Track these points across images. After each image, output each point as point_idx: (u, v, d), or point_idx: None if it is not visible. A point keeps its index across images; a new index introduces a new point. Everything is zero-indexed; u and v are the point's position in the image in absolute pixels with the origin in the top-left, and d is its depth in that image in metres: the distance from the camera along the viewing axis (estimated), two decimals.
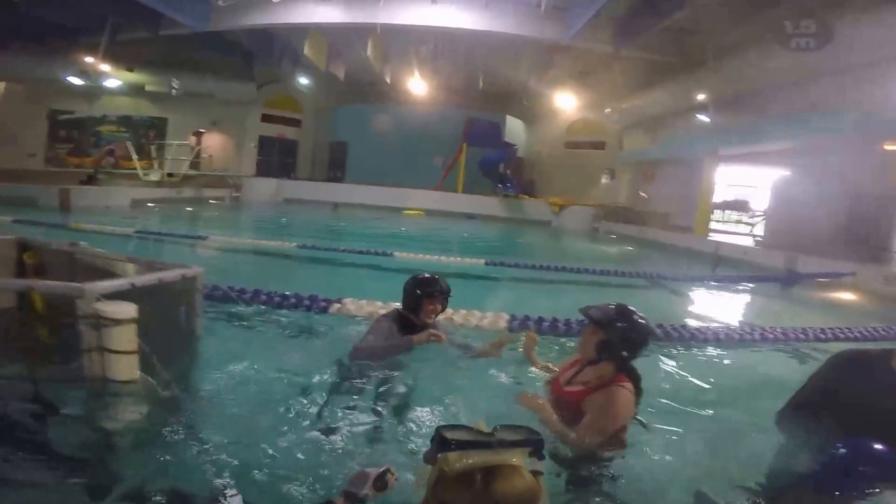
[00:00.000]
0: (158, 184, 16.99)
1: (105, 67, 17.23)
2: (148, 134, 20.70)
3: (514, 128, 20.52)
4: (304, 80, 20.56)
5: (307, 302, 4.07)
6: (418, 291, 3.01)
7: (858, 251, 9.90)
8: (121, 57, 17.29)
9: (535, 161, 21.75)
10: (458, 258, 7.35)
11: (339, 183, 20.30)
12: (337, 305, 4.03)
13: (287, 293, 4.18)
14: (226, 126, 21.21)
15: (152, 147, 19.01)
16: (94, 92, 19.70)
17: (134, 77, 19.25)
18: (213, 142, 21.09)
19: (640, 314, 2.22)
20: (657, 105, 15.15)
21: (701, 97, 12.76)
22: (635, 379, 2.20)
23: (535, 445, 1.04)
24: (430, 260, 7.04)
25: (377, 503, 1.41)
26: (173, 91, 19.24)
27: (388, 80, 18.22)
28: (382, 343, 2.88)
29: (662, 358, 3.70)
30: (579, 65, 15.74)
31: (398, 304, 3.18)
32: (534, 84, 17.66)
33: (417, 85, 17.80)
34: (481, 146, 19.39)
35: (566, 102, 17.60)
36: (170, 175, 17.77)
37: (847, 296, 7.75)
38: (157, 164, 18.22)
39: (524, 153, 21.30)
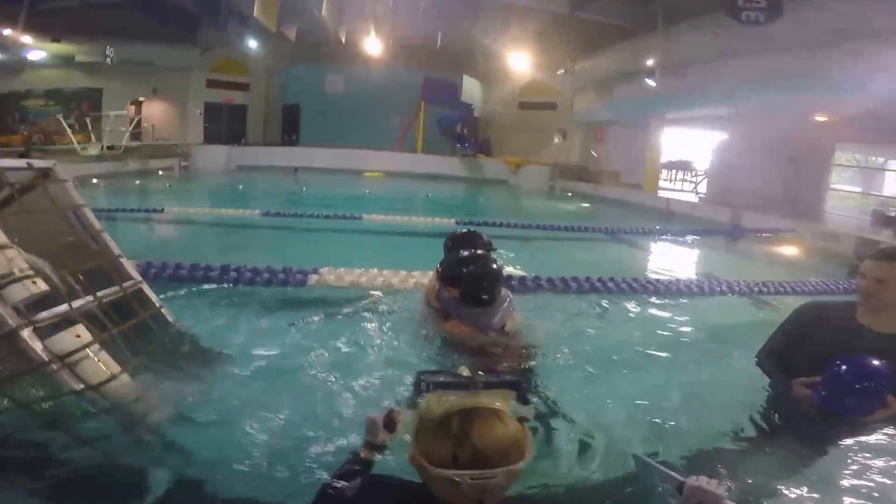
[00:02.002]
0: (99, 158, 15.98)
1: (27, 39, 15.81)
2: (81, 106, 19.26)
3: (471, 88, 20.38)
4: (251, 43, 19.52)
5: (282, 275, 3.93)
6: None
7: (794, 210, 10.66)
8: (45, 27, 15.88)
9: (491, 121, 21.77)
10: (429, 218, 7.44)
11: (295, 147, 19.66)
12: (315, 277, 3.96)
13: (258, 267, 4.01)
14: (168, 94, 19.96)
15: (87, 119, 17.75)
16: (16, 66, 18.01)
17: (62, 48, 17.67)
18: (155, 110, 19.88)
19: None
20: (607, 68, 15.39)
21: (650, 62, 13.04)
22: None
23: (517, 388, 1.03)
24: (400, 221, 7.12)
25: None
26: (108, 60, 17.86)
27: (343, 40, 17.56)
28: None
29: (626, 310, 3.99)
30: (535, 26, 15.70)
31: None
32: (490, 44, 17.51)
33: (373, 44, 17.27)
34: (439, 105, 19.16)
35: (520, 63, 17.60)
36: (110, 148, 16.72)
37: (788, 250, 8.25)
38: (94, 137, 17.08)
39: (480, 113, 21.27)
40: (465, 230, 3.11)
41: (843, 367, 1.76)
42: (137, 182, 13.51)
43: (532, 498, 1.41)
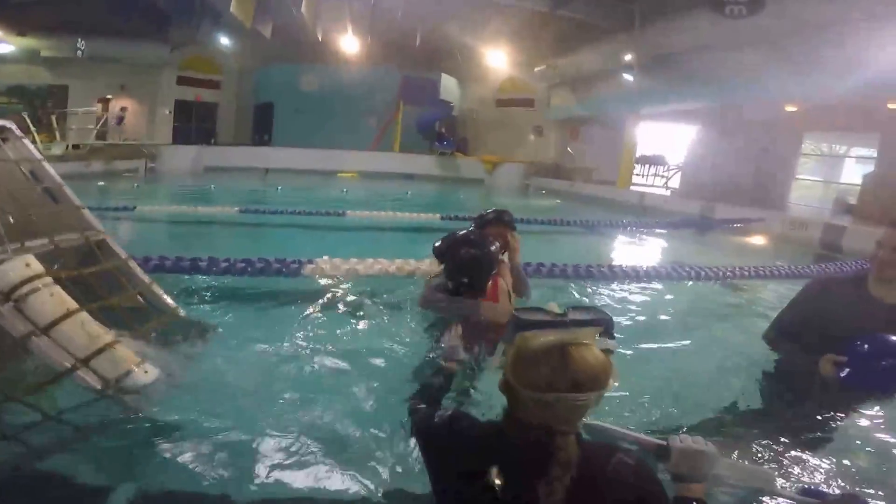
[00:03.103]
0: (62, 158, 15.33)
1: None
2: (46, 104, 18.46)
3: (450, 86, 20.44)
4: (224, 40, 19.11)
5: (276, 265, 3.80)
6: (478, 223, 2.99)
7: (764, 201, 11.10)
8: (10, 20, 15.26)
9: (468, 119, 21.89)
10: (415, 214, 7.42)
11: (267, 147, 19.26)
12: (310, 266, 3.86)
13: (251, 258, 3.89)
14: (136, 91, 19.29)
15: (52, 117, 17.02)
16: None
17: (27, 42, 16.94)
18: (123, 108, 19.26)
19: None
20: (584, 65, 15.69)
21: (627, 58, 13.35)
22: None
23: (605, 325, 1.15)
24: (385, 217, 7.09)
25: None
26: (79, 52, 17.19)
27: (320, 38, 17.36)
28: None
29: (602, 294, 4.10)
30: (514, 24, 15.89)
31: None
32: (469, 42, 17.62)
33: (351, 43, 17.13)
34: (418, 105, 19.09)
35: (499, 61, 17.75)
36: (75, 147, 16.09)
37: (757, 239, 8.59)
38: (59, 136, 16.40)
39: (458, 111, 21.36)
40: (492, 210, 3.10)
41: (867, 346, 1.77)
42: (101, 184, 12.99)
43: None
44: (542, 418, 1.07)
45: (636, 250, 7.39)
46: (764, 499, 1.39)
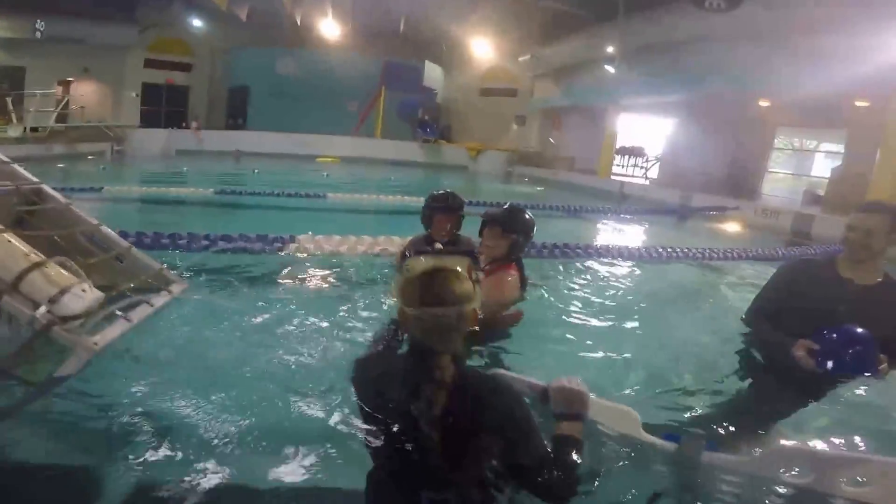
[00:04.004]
0: (20, 140, 14.57)
1: None
2: (1, 86, 17.51)
3: (433, 73, 20.22)
4: (196, 22, 18.39)
5: (258, 243, 3.68)
6: (428, 207, 3.02)
7: (738, 192, 11.33)
8: None
9: (452, 107, 21.75)
10: (399, 197, 7.26)
11: (242, 130, 18.69)
12: (293, 245, 3.75)
13: (231, 235, 3.76)
14: (100, 73, 18.44)
15: (8, 100, 16.13)
16: None
17: None
18: (86, 91, 18.30)
19: (527, 210, 2.56)
20: (568, 55, 15.67)
21: (609, 49, 13.35)
22: (522, 268, 2.55)
23: (470, 256, 1.33)
24: (368, 199, 6.91)
25: None
26: (38, 34, 16.31)
27: (298, 22, 16.87)
28: None
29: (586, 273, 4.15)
30: (499, 12, 15.76)
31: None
32: (454, 30, 17.42)
33: (331, 28, 16.70)
34: (400, 91, 18.79)
35: (483, 50, 17.60)
36: (34, 130, 15.32)
37: (731, 226, 8.93)
38: (15, 119, 15.57)
39: (441, 99, 21.17)
40: (441, 191, 3.11)
41: (836, 336, 1.87)
42: (62, 166, 12.37)
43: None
44: (422, 337, 1.22)
45: (613, 235, 7.49)
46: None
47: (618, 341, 2.70)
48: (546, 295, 3.37)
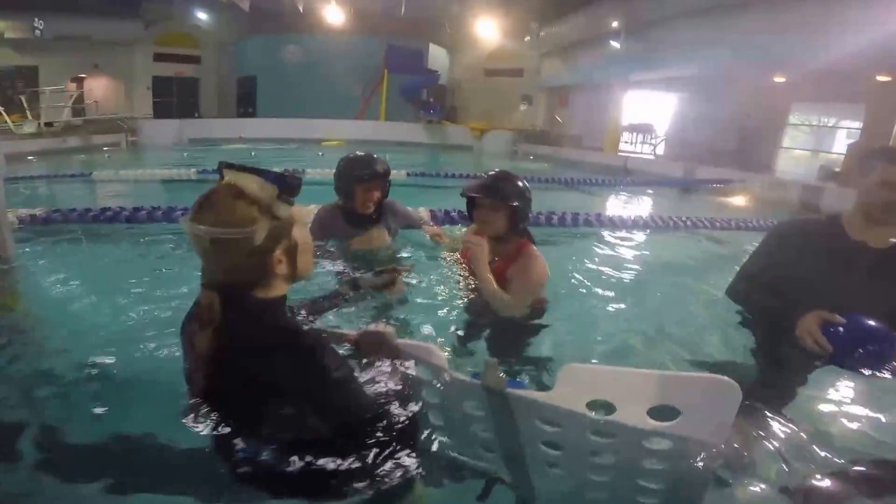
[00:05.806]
0: (36, 135, 15.05)
1: None
2: (15, 85, 18.06)
3: (438, 55, 20.07)
4: (201, 15, 18.63)
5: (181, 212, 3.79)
6: (347, 176, 2.54)
7: (748, 167, 10.97)
8: None
9: (456, 88, 21.56)
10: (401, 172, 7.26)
11: (250, 118, 18.99)
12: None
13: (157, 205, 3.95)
14: (111, 69, 18.99)
15: (22, 98, 16.65)
16: None
17: None
18: (98, 86, 18.80)
19: (518, 177, 2.18)
20: (574, 33, 15.33)
21: (615, 25, 12.98)
22: (534, 242, 2.18)
23: (279, 183, 1.08)
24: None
25: None
26: (37, 32, 16.73)
27: (301, 9, 16.88)
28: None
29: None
30: None
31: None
32: (457, 11, 17.20)
33: (334, 13, 16.69)
34: (404, 73, 18.75)
35: (488, 30, 17.36)
36: (48, 124, 15.79)
37: (737, 199, 8.70)
38: (30, 115, 16.07)
39: (446, 81, 21.01)
40: (360, 153, 2.67)
41: (844, 332, 1.60)
42: (80, 157, 12.74)
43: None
44: (203, 263, 1.10)
45: (616, 207, 7.41)
46: None
47: (615, 310, 2.63)
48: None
